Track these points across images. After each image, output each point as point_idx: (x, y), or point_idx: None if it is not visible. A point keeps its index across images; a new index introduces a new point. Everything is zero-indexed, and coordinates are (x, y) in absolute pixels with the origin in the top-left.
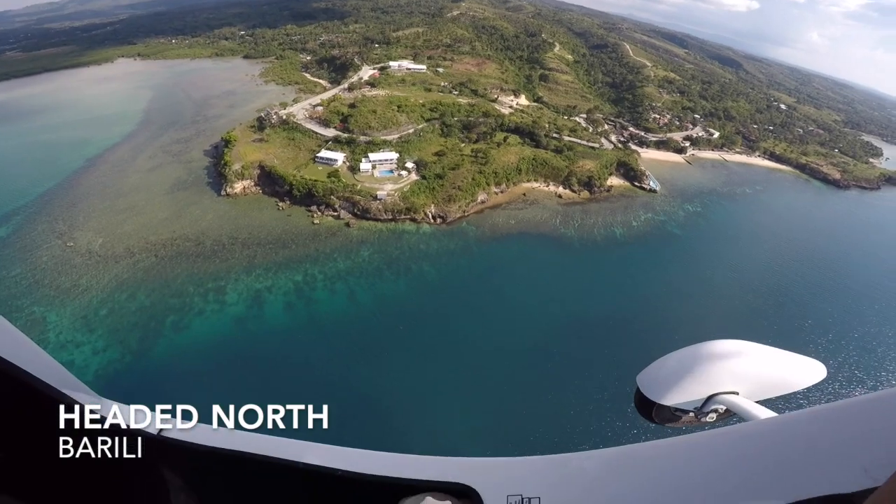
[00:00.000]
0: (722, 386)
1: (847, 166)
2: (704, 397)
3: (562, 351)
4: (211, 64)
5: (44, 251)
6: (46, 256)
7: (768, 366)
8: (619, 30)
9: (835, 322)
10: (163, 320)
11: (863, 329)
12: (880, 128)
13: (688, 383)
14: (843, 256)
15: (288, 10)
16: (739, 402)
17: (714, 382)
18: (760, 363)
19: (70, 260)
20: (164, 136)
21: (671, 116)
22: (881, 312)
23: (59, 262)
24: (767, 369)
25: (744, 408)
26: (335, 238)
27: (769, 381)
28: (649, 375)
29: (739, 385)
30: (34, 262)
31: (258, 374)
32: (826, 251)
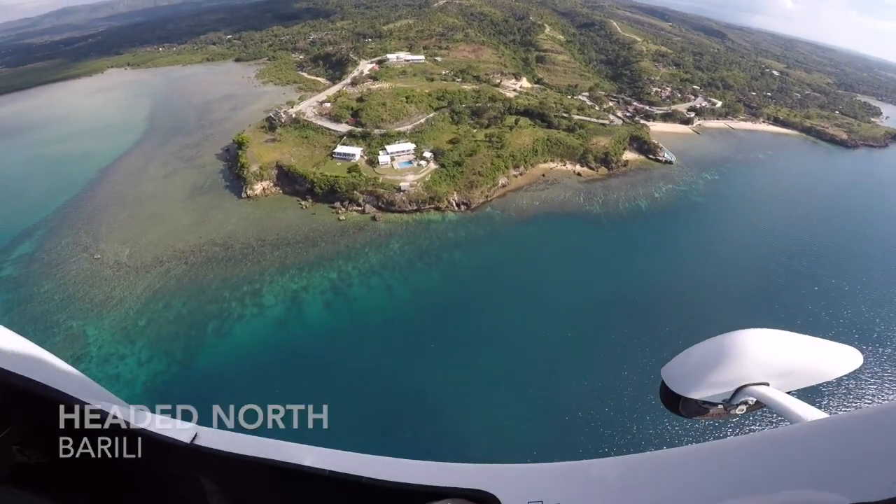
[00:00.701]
0: (751, 377)
1: (852, 126)
2: (733, 389)
3: (601, 334)
4: (204, 69)
5: (72, 265)
6: (75, 270)
7: (800, 355)
8: (602, 7)
9: (872, 284)
10: (204, 327)
11: None
12: (872, 88)
13: (715, 375)
14: (870, 213)
15: (270, 12)
16: (771, 394)
17: (743, 374)
18: (791, 352)
19: (100, 272)
20: (173, 143)
21: (672, 89)
22: None
23: (89, 276)
24: (799, 358)
25: (775, 400)
26: (363, 233)
27: (801, 371)
28: (674, 369)
29: (770, 375)
30: (63, 276)
31: (306, 376)
32: (853, 209)
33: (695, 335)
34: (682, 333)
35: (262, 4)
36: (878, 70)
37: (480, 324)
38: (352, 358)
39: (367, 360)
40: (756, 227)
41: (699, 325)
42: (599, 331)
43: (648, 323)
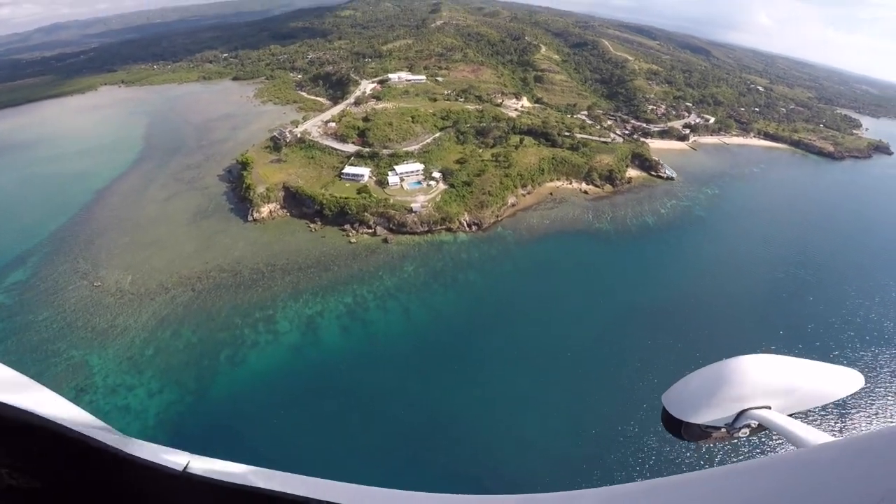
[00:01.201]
0: (753, 401)
1: (837, 139)
2: (735, 413)
3: (620, 350)
4: (200, 87)
5: (70, 293)
6: (74, 298)
7: (800, 378)
8: (593, 27)
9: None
10: (216, 356)
11: None
12: (850, 101)
13: (716, 400)
14: (863, 221)
15: (266, 30)
16: (773, 418)
17: (744, 397)
18: (791, 376)
19: (101, 300)
20: (172, 163)
21: (666, 106)
22: None
23: (90, 303)
24: (799, 382)
25: (777, 423)
26: (376, 255)
27: (802, 394)
28: (675, 394)
29: (771, 399)
30: (61, 304)
31: (328, 403)
32: (847, 218)
33: (708, 348)
34: (698, 346)
35: (258, 23)
36: (854, 84)
37: (500, 343)
38: (373, 382)
39: (389, 383)
40: (758, 239)
41: (713, 338)
42: (618, 347)
43: (665, 337)
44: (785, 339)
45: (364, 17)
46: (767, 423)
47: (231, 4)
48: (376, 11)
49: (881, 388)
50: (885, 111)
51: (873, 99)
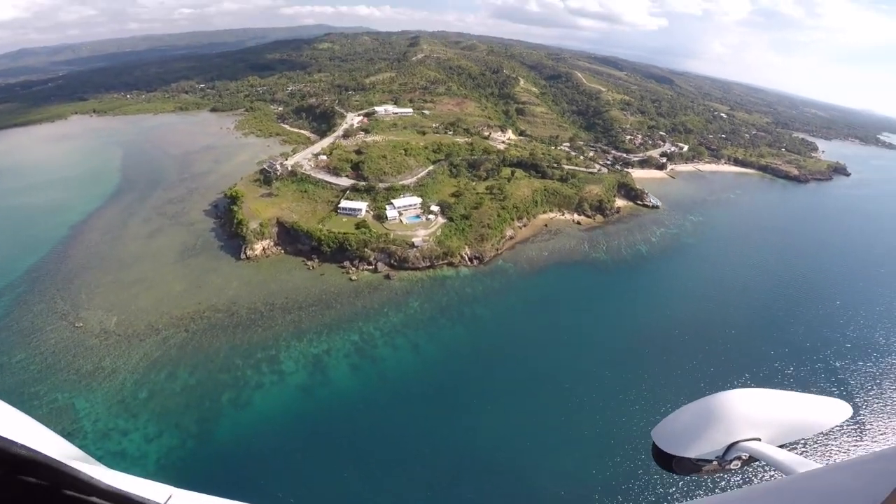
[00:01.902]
0: (742, 433)
1: (799, 162)
2: (725, 446)
3: (629, 375)
4: (177, 118)
5: (48, 334)
6: (53, 339)
7: (787, 411)
8: (564, 59)
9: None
10: (217, 398)
11: None
12: (804, 125)
13: (706, 434)
14: (837, 240)
15: (243, 61)
16: (762, 449)
17: (733, 431)
18: (778, 408)
19: (83, 341)
20: (153, 197)
21: (642, 136)
22: None
23: (71, 345)
24: (787, 414)
25: (767, 454)
26: (379, 292)
27: (791, 425)
28: (664, 430)
29: (760, 431)
30: (39, 346)
31: (342, 443)
32: (822, 238)
33: (711, 369)
34: (702, 367)
35: (234, 54)
36: (802, 107)
37: (513, 375)
38: (390, 420)
39: (405, 421)
40: (746, 264)
41: (715, 359)
42: (627, 371)
43: (670, 360)
44: (784, 356)
45: (342, 50)
46: (757, 454)
47: (203, 35)
48: (354, 45)
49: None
50: (835, 133)
51: (822, 122)
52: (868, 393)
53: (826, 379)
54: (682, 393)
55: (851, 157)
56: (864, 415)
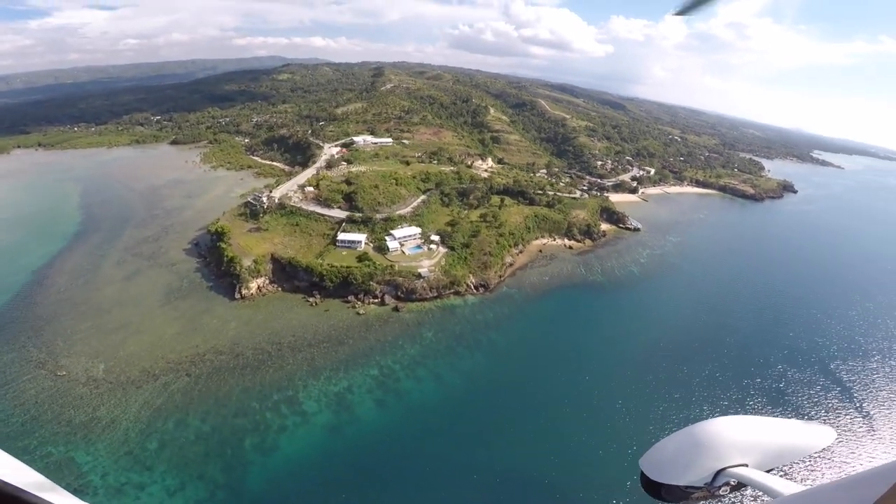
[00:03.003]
0: (729, 460)
1: (753, 181)
2: (713, 473)
3: (648, 389)
4: (135, 152)
5: (26, 384)
6: (33, 389)
7: (773, 436)
8: (526, 88)
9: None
10: (240, 445)
11: None
12: (747, 145)
13: (693, 462)
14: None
15: (199, 92)
16: (750, 475)
17: (720, 457)
18: (764, 434)
19: (70, 391)
20: (124, 237)
21: (612, 162)
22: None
23: (56, 395)
24: (773, 440)
25: (754, 479)
26: (390, 325)
27: (777, 451)
28: (652, 458)
29: (747, 457)
30: (18, 396)
31: (379, 481)
32: (785, 251)
33: (719, 374)
34: (712, 374)
35: (187, 85)
36: (742, 128)
37: (536, 396)
38: (423, 452)
39: (439, 452)
40: (728, 279)
41: (722, 363)
42: (643, 385)
43: (681, 371)
44: (782, 358)
45: (303, 80)
46: (745, 479)
47: (150, 66)
48: (315, 75)
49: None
50: (775, 152)
51: (762, 142)
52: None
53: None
54: (704, 401)
55: (794, 175)
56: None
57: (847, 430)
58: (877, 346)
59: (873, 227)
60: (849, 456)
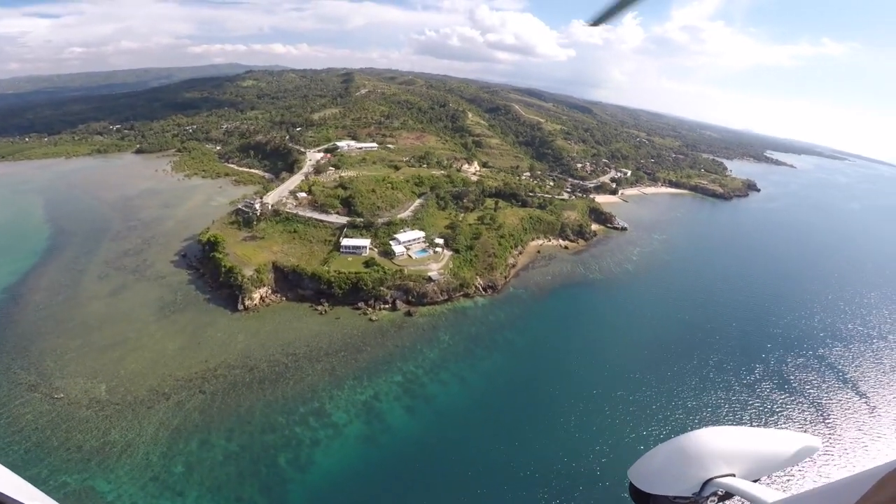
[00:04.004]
0: (717, 470)
1: (721, 181)
2: (700, 483)
3: (662, 378)
4: (98, 162)
5: (20, 408)
6: (30, 414)
7: (759, 447)
8: (497, 92)
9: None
10: (273, 462)
11: None
12: (708, 147)
13: (681, 472)
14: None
15: (158, 101)
16: (737, 484)
17: (708, 467)
18: (751, 445)
19: (73, 414)
20: (102, 250)
21: (591, 164)
22: None
23: (58, 419)
24: (759, 450)
25: (741, 489)
26: (405, 330)
27: (763, 461)
28: (641, 469)
29: (734, 467)
30: (15, 423)
31: (422, 486)
32: (761, 245)
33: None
34: (719, 360)
35: (144, 94)
36: (699, 130)
37: (561, 392)
38: (461, 456)
39: (474, 453)
40: (717, 272)
41: (727, 347)
42: (659, 374)
43: (689, 363)
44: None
45: (270, 87)
46: (732, 489)
47: (100, 75)
48: (281, 82)
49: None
50: (732, 153)
51: (720, 143)
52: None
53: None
54: (718, 387)
55: (753, 174)
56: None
57: (845, 407)
58: (858, 331)
59: (831, 222)
60: (843, 434)
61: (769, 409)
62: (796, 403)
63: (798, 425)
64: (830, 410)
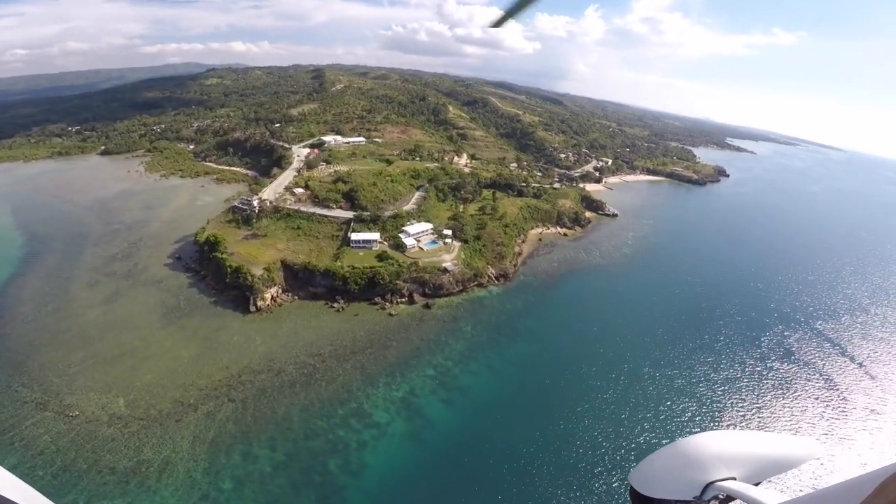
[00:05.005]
0: (717, 473)
1: (694, 168)
2: (701, 486)
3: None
4: (60, 165)
5: (32, 429)
6: (46, 435)
7: (759, 450)
8: (471, 86)
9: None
10: (325, 469)
11: None
12: (674, 135)
13: (682, 475)
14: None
15: (116, 101)
16: (737, 488)
17: (708, 472)
18: (752, 448)
19: (95, 433)
20: (86, 256)
21: (574, 154)
22: None
23: (80, 439)
24: (760, 453)
25: (742, 492)
26: (426, 323)
27: (764, 464)
28: (641, 473)
29: (735, 470)
30: (32, 446)
31: (473, 480)
32: (743, 226)
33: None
34: (730, 341)
35: (100, 94)
36: (664, 120)
37: (590, 372)
38: (506, 444)
39: (519, 437)
40: (708, 252)
41: (735, 333)
42: (678, 351)
43: (701, 339)
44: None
45: (236, 84)
46: (733, 492)
47: (46, 77)
48: (249, 79)
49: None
50: (697, 140)
51: (685, 131)
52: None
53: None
54: (733, 361)
55: (719, 161)
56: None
57: (850, 378)
58: (842, 305)
59: (798, 205)
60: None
61: (782, 382)
62: (805, 375)
63: (808, 395)
64: (836, 382)
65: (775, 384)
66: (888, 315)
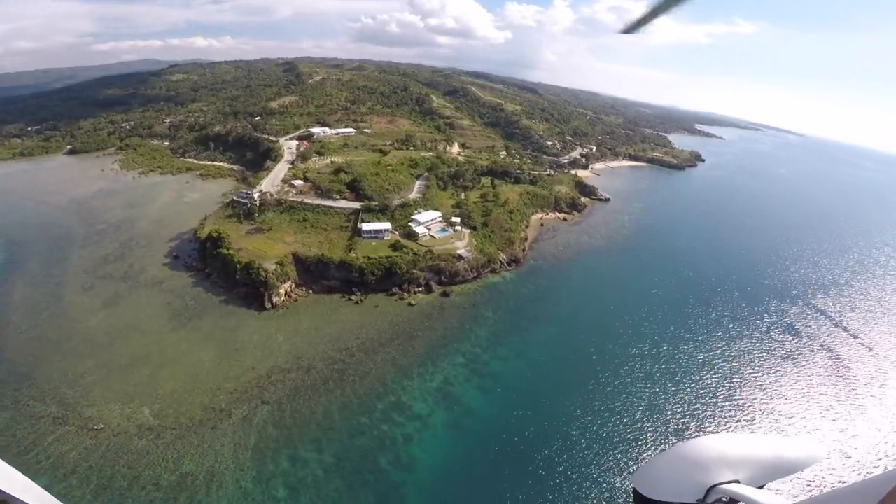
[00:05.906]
0: (721, 476)
1: (672, 153)
2: (705, 489)
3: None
4: (26, 165)
5: (59, 446)
6: (74, 452)
7: (763, 453)
8: (450, 76)
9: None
10: (377, 467)
11: None
12: (649, 122)
13: (685, 478)
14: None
15: (75, 99)
16: (741, 491)
17: (712, 474)
18: (755, 451)
19: (126, 446)
20: (74, 259)
21: (560, 142)
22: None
23: (112, 454)
24: (763, 456)
25: (746, 495)
26: (448, 311)
27: (768, 467)
28: (645, 476)
29: (739, 473)
30: (61, 465)
31: (526, 457)
32: (728, 206)
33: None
34: (736, 315)
35: (55, 93)
36: (636, 107)
37: (616, 349)
38: (547, 424)
39: (558, 419)
40: (696, 232)
41: (738, 309)
42: (690, 327)
43: (706, 315)
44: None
45: (204, 80)
46: (737, 495)
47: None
48: (217, 74)
49: None
50: (669, 127)
51: (657, 119)
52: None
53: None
54: (742, 337)
55: (692, 146)
56: None
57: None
58: (830, 280)
59: (771, 186)
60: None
61: (786, 355)
62: (807, 347)
63: (815, 365)
64: (840, 355)
65: (782, 359)
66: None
